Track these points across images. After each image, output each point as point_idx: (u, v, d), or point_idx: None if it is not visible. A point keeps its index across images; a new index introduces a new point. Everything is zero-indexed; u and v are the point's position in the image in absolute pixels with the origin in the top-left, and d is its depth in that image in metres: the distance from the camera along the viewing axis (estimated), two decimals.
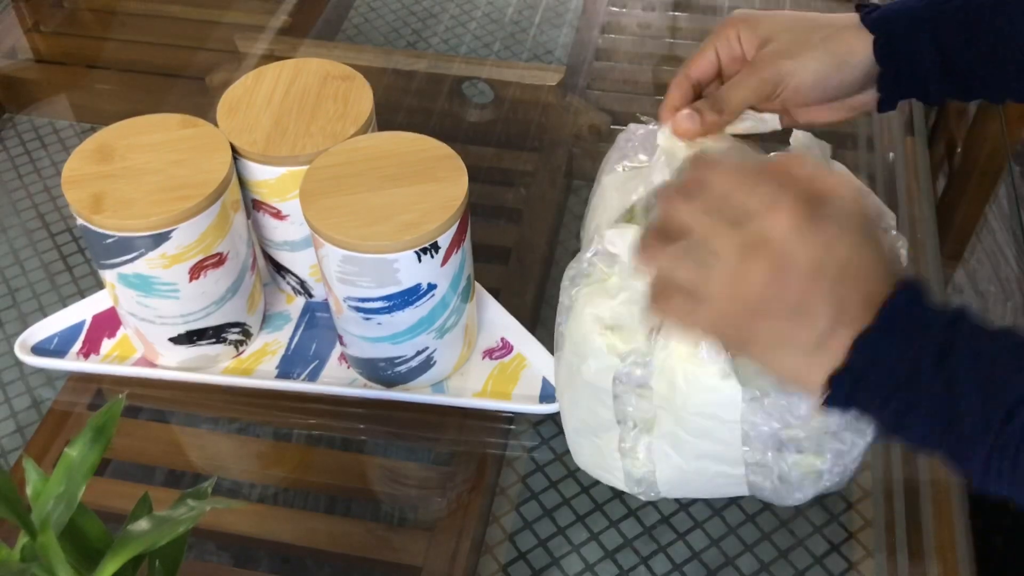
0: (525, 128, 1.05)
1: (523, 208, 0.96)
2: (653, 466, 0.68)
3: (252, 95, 0.79)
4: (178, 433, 0.82)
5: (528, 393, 0.79)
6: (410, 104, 1.08)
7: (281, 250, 0.82)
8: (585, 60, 1.14)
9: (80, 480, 0.47)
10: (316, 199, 0.70)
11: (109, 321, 0.84)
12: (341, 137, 0.76)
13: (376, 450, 0.81)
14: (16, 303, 0.92)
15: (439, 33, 1.23)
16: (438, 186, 0.71)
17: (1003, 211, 0.99)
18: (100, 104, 1.16)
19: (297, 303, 0.87)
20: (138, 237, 0.70)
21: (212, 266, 0.74)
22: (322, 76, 0.81)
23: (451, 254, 0.71)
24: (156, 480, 0.79)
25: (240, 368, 0.82)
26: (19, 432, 0.82)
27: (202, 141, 0.75)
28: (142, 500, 0.52)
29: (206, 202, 0.71)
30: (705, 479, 0.67)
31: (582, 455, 0.73)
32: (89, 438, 0.47)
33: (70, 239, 0.98)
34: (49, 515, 0.46)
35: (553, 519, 0.76)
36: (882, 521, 0.75)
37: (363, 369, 0.79)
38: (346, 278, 0.70)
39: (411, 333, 0.74)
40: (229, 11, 1.24)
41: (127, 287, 0.74)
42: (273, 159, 0.75)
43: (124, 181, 0.72)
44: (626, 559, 0.73)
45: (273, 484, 0.78)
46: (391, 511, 0.76)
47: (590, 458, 0.72)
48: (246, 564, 0.74)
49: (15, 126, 1.11)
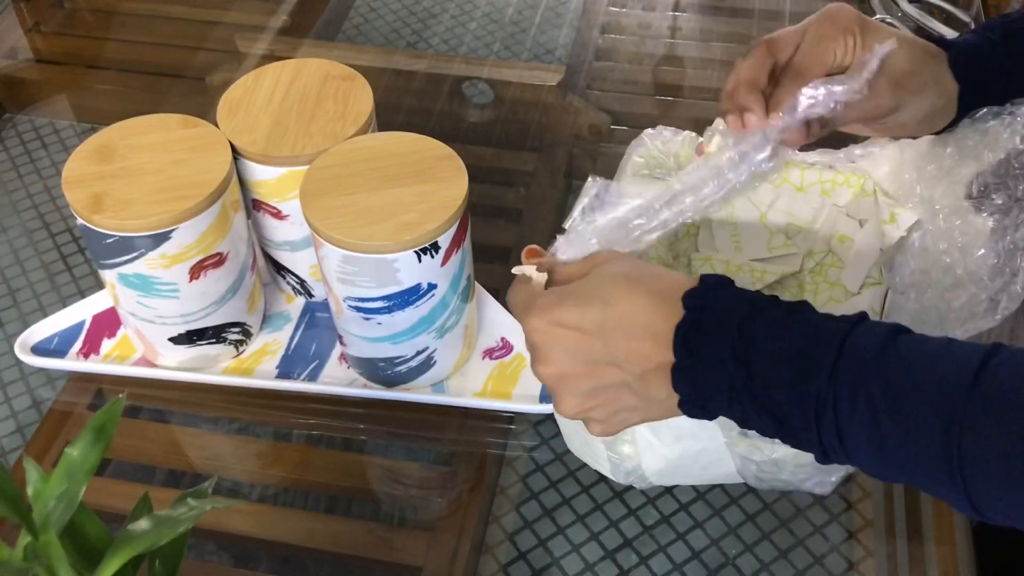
0: (525, 128, 1.05)
1: (523, 208, 0.96)
2: (638, 458, 0.68)
3: (252, 95, 0.79)
4: (178, 433, 0.82)
5: (528, 393, 0.79)
6: (410, 104, 1.08)
7: (281, 250, 0.82)
8: (585, 60, 1.14)
9: (81, 480, 0.47)
10: (316, 199, 0.70)
11: (109, 321, 0.84)
12: (341, 137, 0.76)
13: (376, 450, 0.81)
14: (16, 303, 0.92)
15: (439, 33, 1.23)
16: (438, 186, 0.71)
17: None
18: (100, 104, 1.16)
19: (297, 303, 0.87)
20: (138, 237, 0.70)
21: (212, 266, 0.74)
22: (322, 76, 0.81)
23: (451, 254, 0.71)
24: (156, 480, 0.79)
25: (240, 368, 0.82)
26: (19, 432, 0.82)
27: (202, 141, 0.75)
28: (142, 500, 0.52)
29: (206, 202, 0.71)
30: (691, 464, 0.67)
31: (573, 441, 0.73)
32: (89, 438, 0.47)
33: (70, 239, 0.97)
34: (50, 515, 0.46)
35: (553, 519, 0.76)
36: (882, 521, 0.75)
37: (363, 369, 0.79)
38: (346, 278, 0.70)
39: (411, 333, 0.74)
40: (229, 11, 1.23)
41: (127, 287, 0.74)
42: (273, 159, 0.75)
43: (124, 181, 0.72)
44: (626, 559, 0.73)
45: (273, 484, 0.78)
46: (391, 511, 0.76)
47: (580, 447, 0.72)
48: (246, 564, 0.74)
49: (15, 126, 1.11)
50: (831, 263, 0.73)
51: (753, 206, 0.77)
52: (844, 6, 0.64)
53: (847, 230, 0.73)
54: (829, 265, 0.73)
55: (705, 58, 1.14)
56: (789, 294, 0.75)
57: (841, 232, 0.73)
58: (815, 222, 0.75)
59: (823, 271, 0.74)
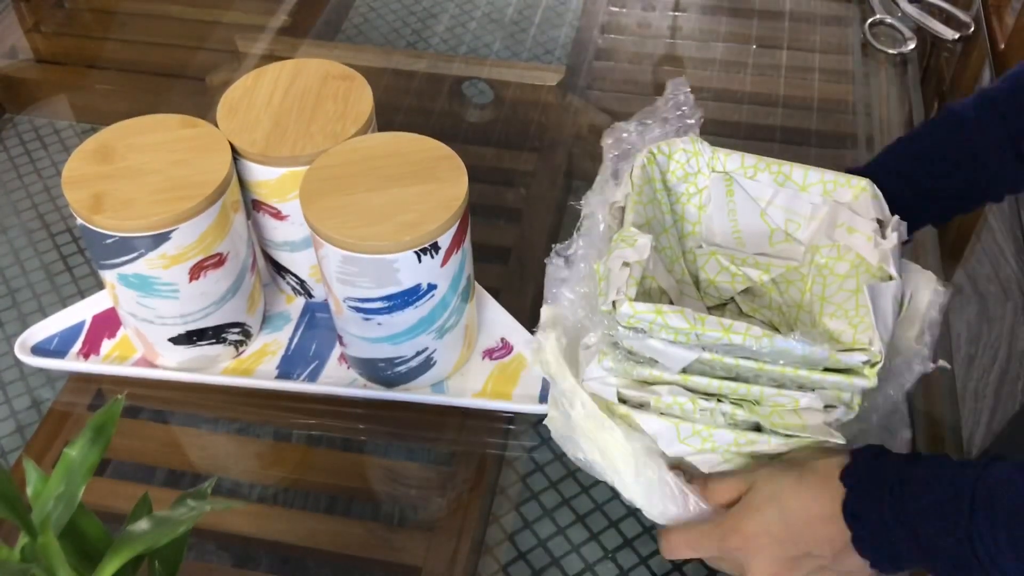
0: (525, 128, 1.05)
1: (523, 208, 0.96)
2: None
3: (252, 95, 0.79)
4: (178, 433, 0.82)
5: (528, 393, 0.79)
6: (410, 104, 1.08)
7: (281, 250, 0.82)
8: (585, 60, 1.14)
9: (80, 480, 0.47)
10: (316, 199, 0.70)
11: (109, 321, 0.84)
12: (341, 137, 0.76)
13: (376, 450, 0.81)
14: (16, 303, 0.92)
15: (439, 33, 1.23)
16: (438, 186, 0.71)
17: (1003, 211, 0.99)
18: (100, 104, 1.16)
19: (297, 303, 0.87)
20: (138, 237, 0.70)
21: (212, 266, 0.74)
22: (322, 76, 0.81)
23: (451, 254, 0.71)
24: (156, 480, 0.79)
25: (240, 368, 0.82)
26: (19, 432, 0.82)
27: (202, 141, 0.75)
28: (142, 500, 0.52)
29: (206, 202, 0.71)
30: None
31: (554, 426, 0.73)
32: (89, 438, 0.47)
33: (70, 239, 0.97)
34: (49, 515, 0.46)
35: (553, 519, 0.75)
36: None
37: (363, 369, 0.79)
38: (346, 278, 0.70)
39: (411, 333, 0.74)
40: (229, 11, 1.24)
41: (127, 287, 0.74)
42: (273, 159, 0.75)
43: (124, 181, 0.72)
44: (626, 559, 0.73)
45: (273, 484, 0.78)
46: (391, 511, 0.76)
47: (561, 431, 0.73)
48: (246, 564, 0.74)
49: (15, 126, 1.11)
50: (839, 256, 0.74)
51: (753, 201, 0.77)
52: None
53: (852, 223, 0.73)
54: (837, 258, 0.74)
55: (705, 58, 1.14)
56: (795, 288, 0.76)
57: (848, 224, 0.74)
58: (814, 218, 0.76)
59: (831, 265, 0.74)
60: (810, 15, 1.20)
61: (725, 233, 0.78)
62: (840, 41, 1.16)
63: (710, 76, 1.12)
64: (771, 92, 1.09)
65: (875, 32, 1.15)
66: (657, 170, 0.76)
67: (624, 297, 0.64)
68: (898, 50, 1.13)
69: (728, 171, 0.76)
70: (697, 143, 0.76)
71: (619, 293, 0.65)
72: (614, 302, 0.64)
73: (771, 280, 0.77)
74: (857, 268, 0.72)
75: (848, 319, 0.68)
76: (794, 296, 0.76)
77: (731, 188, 0.77)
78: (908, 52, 1.12)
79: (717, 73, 1.12)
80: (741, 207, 0.77)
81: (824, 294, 0.73)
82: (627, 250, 0.67)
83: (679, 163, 0.76)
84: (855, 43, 1.15)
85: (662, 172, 0.77)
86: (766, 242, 0.78)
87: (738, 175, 0.76)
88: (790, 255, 0.78)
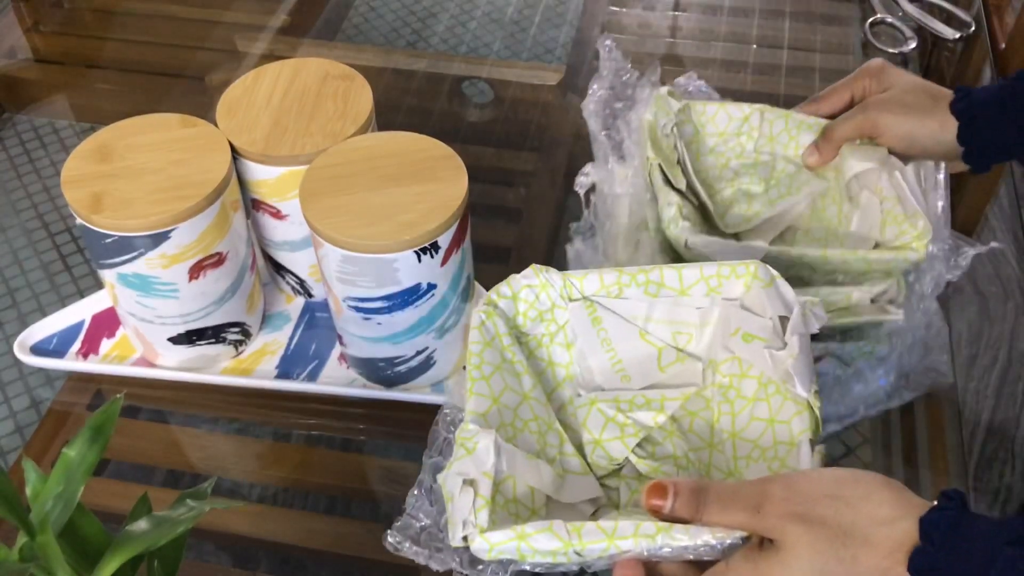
0: (525, 128, 1.05)
1: (523, 208, 0.96)
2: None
3: (252, 95, 0.79)
4: (178, 433, 0.82)
5: None
6: (410, 104, 1.08)
7: (281, 250, 0.82)
8: (585, 60, 1.14)
9: (79, 480, 0.46)
10: (316, 199, 0.70)
11: (108, 321, 0.84)
12: (341, 137, 0.76)
13: (376, 450, 0.81)
14: (15, 303, 0.92)
15: (439, 33, 1.23)
16: (438, 186, 0.71)
17: (1003, 211, 0.99)
18: (100, 104, 1.16)
19: (297, 303, 0.86)
20: (137, 237, 0.70)
21: (211, 266, 0.74)
22: (322, 76, 0.81)
23: (451, 254, 0.71)
24: (156, 480, 0.79)
25: (240, 368, 0.81)
26: (18, 432, 0.82)
27: (202, 141, 0.75)
28: (141, 500, 0.52)
29: (206, 202, 0.71)
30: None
31: None
32: (88, 438, 0.47)
33: (70, 239, 0.97)
34: (48, 515, 0.46)
35: None
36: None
37: (363, 369, 0.79)
38: (346, 278, 0.70)
39: (411, 333, 0.74)
40: (229, 11, 1.23)
41: (126, 287, 0.74)
42: (273, 159, 0.75)
43: (124, 181, 0.72)
44: None
45: (273, 484, 0.78)
46: (391, 511, 0.76)
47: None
48: (246, 564, 0.74)
49: (15, 126, 1.11)
50: (742, 372, 0.63)
51: (627, 323, 0.66)
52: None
53: (749, 327, 0.62)
54: (741, 375, 0.63)
55: (705, 58, 1.14)
56: (701, 419, 0.65)
57: (744, 330, 0.63)
58: (706, 323, 0.65)
59: (735, 384, 0.64)
60: (810, 15, 1.20)
61: (604, 370, 0.67)
62: (841, 41, 1.16)
63: (710, 76, 1.11)
64: (771, 92, 1.09)
65: (876, 32, 1.15)
66: (501, 322, 0.65)
67: (475, 529, 0.54)
68: (899, 50, 1.12)
69: (588, 296, 0.66)
70: (542, 273, 0.65)
71: (467, 525, 0.54)
72: (464, 537, 0.54)
73: (669, 419, 0.65)
74: (766, 388, 0.62)
75: (767, 461, 0.59)
76: (702, 432, 0.65)
77: (596, 315, 0.66)
78: (909, 52, 1.12)
79: (717, 73, 1.12)
80: (615, 334, 0.67)
81: (735, 427, 0.63)
82: (465, 460, 0.57)
83: (527, 302, 0.66)
84: (856, 43, 1.15)
85: (509, 321, 0.66)
86: (655, 367, 0.67)
87: (600, 298, 0.66)
88: (688, 378, 0.67)
